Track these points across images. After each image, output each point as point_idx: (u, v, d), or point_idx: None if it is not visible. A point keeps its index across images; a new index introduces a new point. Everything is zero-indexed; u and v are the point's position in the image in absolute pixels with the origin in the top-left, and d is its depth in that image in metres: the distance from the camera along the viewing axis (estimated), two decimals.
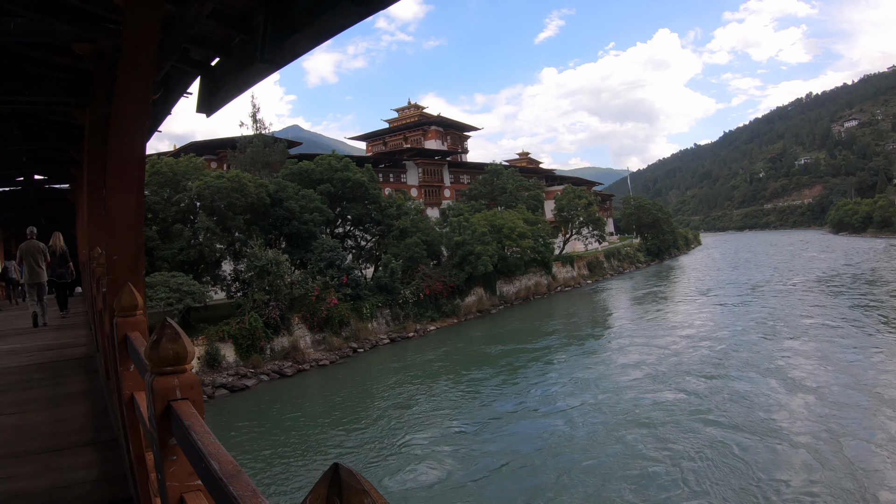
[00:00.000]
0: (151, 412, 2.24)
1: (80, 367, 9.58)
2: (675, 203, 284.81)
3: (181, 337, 2.21)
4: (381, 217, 45.86)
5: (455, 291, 47.56)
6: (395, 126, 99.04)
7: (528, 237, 54.00)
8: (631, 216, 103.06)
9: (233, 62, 8.57)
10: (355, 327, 39.29)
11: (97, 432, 6.29)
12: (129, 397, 3.69)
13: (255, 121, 53.75)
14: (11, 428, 6.72)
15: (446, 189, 76.81)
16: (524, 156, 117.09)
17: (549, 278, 61.40)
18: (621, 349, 33.94)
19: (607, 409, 23.16)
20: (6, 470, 5.48)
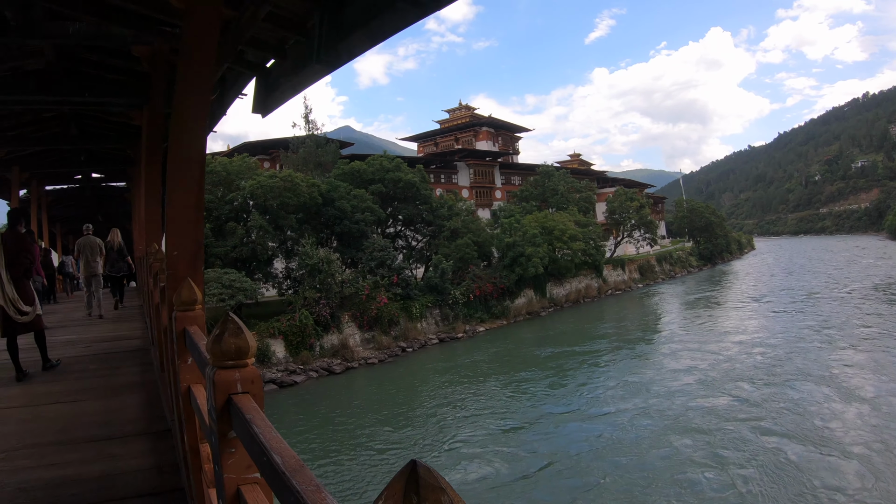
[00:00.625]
0: (211, 405, 2.28)
1: (134, 359, 9.87)
2: (729, 206, 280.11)
3: (244, 332, 2.25)
4: (432, 217, 45.79)
5: (505, 293, 47.33)
6: (447, 127, 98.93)
7: (579, 239, 53.54)
8: (683, 219, 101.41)
9: (288, 63, 8.65)
10: (405, 327, 39.39)
11: (150, 422, 6.49)
12: (186, 390, 3.77)
13: (308, 122, 54.17)
14: (67, 416, 6.95)
15: (497, 190, 76.55)
16: (576, 157, 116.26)
17: (599, 281, 60.73)
18: (672, 354, 33.49)
19: (657, 414, 22.90)
20: (61, 456, 5.66)
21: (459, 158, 75.08)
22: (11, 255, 8.87)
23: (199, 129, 4.13)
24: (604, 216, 73.88)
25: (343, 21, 6.62)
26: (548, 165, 76.77)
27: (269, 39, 8.70)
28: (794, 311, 44.42)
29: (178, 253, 4.01)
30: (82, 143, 18.89)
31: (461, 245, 44.82)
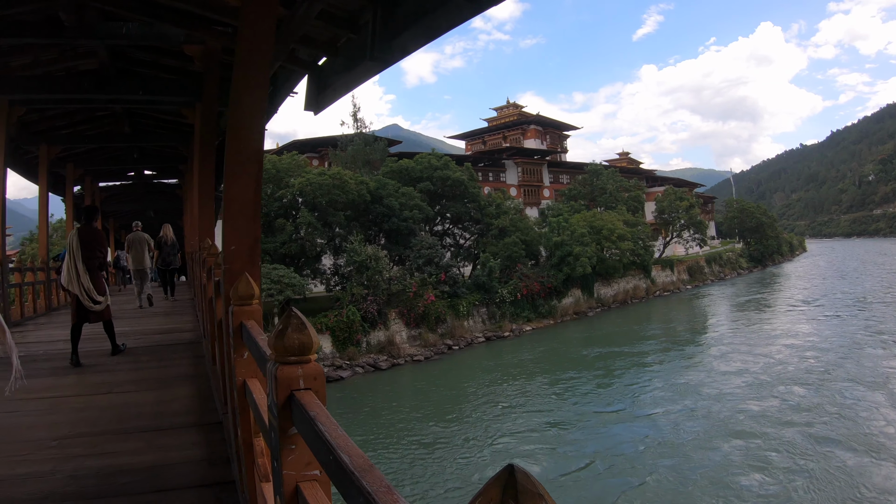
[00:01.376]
0: (272, 401, 2.27)
1: (186, 351, 9.97)
2: (780, 207, 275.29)
3: (307, 327, 2.23)
4: (480, 216, 45.70)
5: (552, 292, 47.02)
6: (494, 125, 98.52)
7: (628, 239, 53.06)
8: (733, 220, 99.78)
9: (340, 61, 8.66)
10: (451, 325, 39.42)
11: (202, 415, 6.53)
12: (242, 384, 3.78)
13: (356, 120, 54.47)
14: (120, 406, 7.03)
15: (545, 189, 76.15)
16: (624, 156, 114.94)
17: (647, 282, 59.98)
18: (722, 356, 32.98)
19: (706, 416, 22.61)
20: (113, 445, 5.72)
21: (507, 157, 74.87)
22: (87, 248, 9.32)
23: (256, 126, 4.13)
24: (653, 216, 72.64)
25: (396, 18, 6.61)
26: (596, 164, 76.26)
27: (320, 37, 8.72)
28: (846, 316, 43.38)
29: (235, 248, 4.02)
30: (135, 140, 19.45)
31: (509, 244, 44.66)
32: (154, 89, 12.12)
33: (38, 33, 10.49)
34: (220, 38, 10.28)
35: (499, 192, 54.46)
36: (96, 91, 11.71)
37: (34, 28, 10.41)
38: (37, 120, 17.37)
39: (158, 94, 12.21)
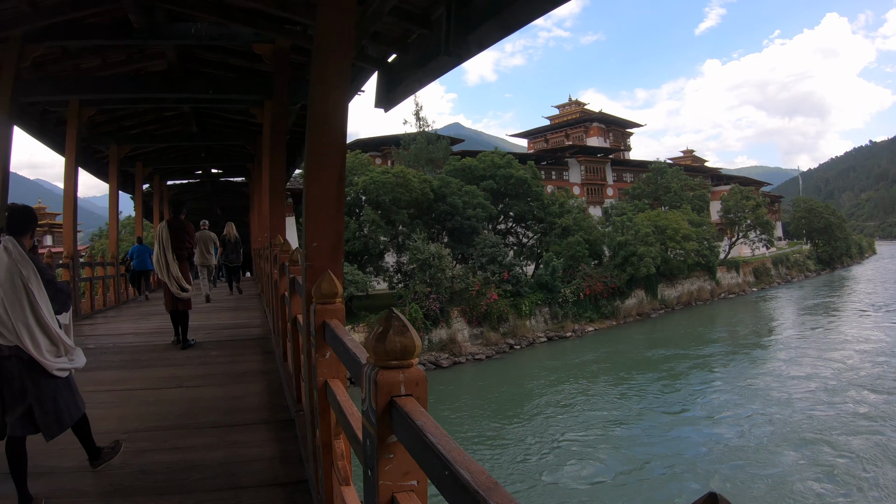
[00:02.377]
0: (370, 407, 2.16)
1: (255, 347, 10.00)
2: (849, 206, 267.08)
3: (409, 330, 2.12)
4: (543, 214, 45.35)
5: (615, 293, 46.32)
6: (557, 123, 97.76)
7: (693, 239, 51.94)
8: (801, 220, 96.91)
9: (411, 57, 8.57)
10: (513, 324, 39.19)
11: (272, 412, 6.52)
12: (323, 384, 3.69)
13: (419, 118, 54.60)
14: (190, 400, 7.07)
15: (609, 187, 75.31)
16: (688, 153, 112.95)
17: (712, 283, 58.60)
18: (791, 360, 32.17)
19: (774, 421, 22.12)
20: (185, 440, 5.74)
21: (570, 155, 74.28)
22: (177, 238, 9.78)
23: (338, 121, 4.04)
24: (718, 215, 71.05)
25: (472, 11, 6.49)
26: (660, 162, 74.85)
27: (391, 34, 8.65)
28: None
29: (318, 244, 3.92)
30: (202, 139, 19.93)
31: (572, 243, 44.22)
32: (223, 88, 12.19)
33: (108, 35, 10.66)
34: (290, 37, 10.34)
35: (562, 191, 54.13)
36: (167, 90, 11.81)
37: (103, 30, 10.61)
38: (106, 121, 17.82)
39: (228, 92, 12.25)
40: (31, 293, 4.59)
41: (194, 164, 25.54)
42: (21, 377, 4.57)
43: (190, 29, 10.48)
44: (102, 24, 10.64)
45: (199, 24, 10.52)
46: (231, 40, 10.88)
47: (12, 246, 4.62)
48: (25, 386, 4.58)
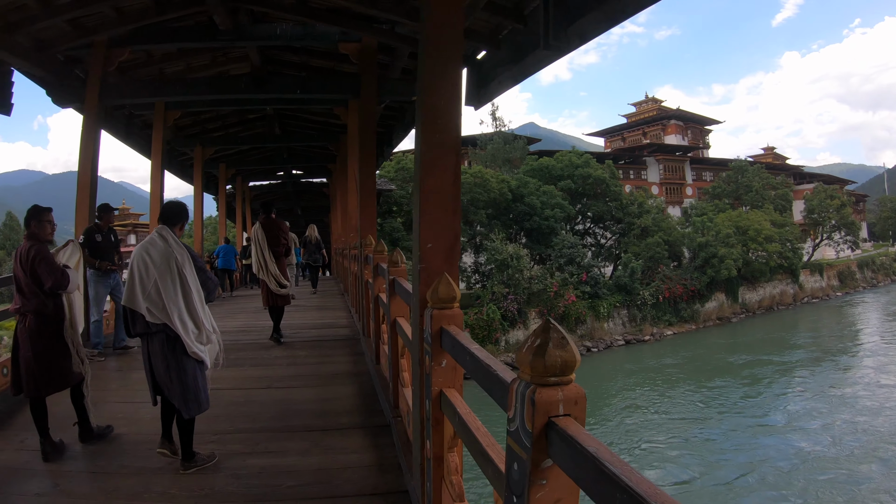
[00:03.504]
0: (521, 426, 1.96)
1: (344, 347, 9.88)
2: None
3: (569, 342, 1.92)
4: (621, 215, 44.82)
5: (695, 296, 45.24)
6: (634, 121, 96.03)
7: (775, 241, 50.48)
8: (887, 220, 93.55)
9: (504, 53, 8.36)
10: (591, 326, 38.77)
11: (367, 416, 6.34)
12: (438, 394, 3.48)
13: (495, 118, 54.53)
14: (281, 402, 6.94)
15: (688, 187, 73.53)
16: (769, 151, 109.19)
17: (795, 287, 56.52)
18: (880, 368, 30.99)
19: (866, 431, 21.37)
20: (277, 444, 5.61)
21: (648, 153, 73.06)
22: (272, 237, 10.03)
23: (453, 114, 3.83)
24: (801, 216, 68.38)
25: (572, 2, 6.25)
26: (741, 160, 72.64)
27: (481, 29, 8.44)
28: None
29: (432, 246, 3.72)
30: (285, 141, 20.17)
31: (651, 244, 43.54)
32: (309, 88, 12.18)
33: (192, 38, 10.75)
34: (377, 35, 10.24)
35: (640, 191, 53.27)
36: (252, 91, 11.86)
37: (188, 33, 10.70)
38: (191, 124, 18.15)
39: (314, 92, 12.25)
40: (185, 277, 5.13)
41: (276, 165, 25.81)
42: (165, 354, 5.04)
43: (275, 30, 10.49)
44: (187, 28, 10.75)
45: (283, 24, 10.53)
46: (317, 40, 10.84)
47: (167, 233, 5.24)
48: (169, 362, 5.04)
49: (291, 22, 10.52)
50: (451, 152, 3.78)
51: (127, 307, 5.13)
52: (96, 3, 9.17)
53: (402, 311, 5.88)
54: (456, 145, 3.81)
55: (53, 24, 9.43)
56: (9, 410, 6.77)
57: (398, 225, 37.28)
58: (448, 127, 3.80)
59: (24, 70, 10.21)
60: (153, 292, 5.00)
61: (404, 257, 6.03)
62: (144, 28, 10.34)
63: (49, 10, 8.89)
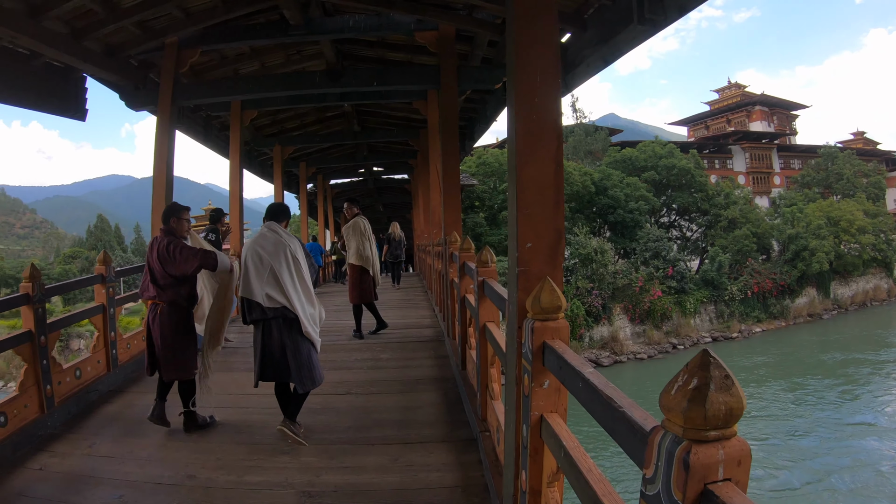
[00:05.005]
0: (664, 491, 1.49)
1: (427, 350, 9.36)
2: None
3: (734, 383, 1.49)
4: (707, 206, 43.73)
5: (784, 291, 43.51)
6: (717, 108, 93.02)
7: (868, 232, 48.22)
8: None
9: (591, 34, 7.88)
10: (677, 322, 37.81)
11: (451, 428, 5.86)
12: (538, 420, 2.98)
13: (575, 110, 53.95)
14: (360, 409, 6.54)
15: (776, 175, 70.65)
16: (859, 135, 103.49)
17: (889, 282, 53.58)
18: None
19: None
20: (355, 458, 5.22)
21: (734, 141, 70.63)
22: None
23: (551, 96, 3.33)
24: (895, 204, 65.94)
25: None
26: (830, 146, 69.65)
27: (565, 8, 7.94)
28: None
29: (532, 245, 3.19)
30: (364, 138, 20.17)
31: (739, 236, 42.24)
32: (386, 80, 11.85)
33: (263, 34, 10.69)
34: (455, 21, 9.91)
35: (726, 181, 51.62)
36: (327, 85, 11.63)
37: (258, 30, 10.64)
38: (269, 123, 18.42)
39: (392, 84, 11.92)
40: (299, 264, 5.74)
41: (356, 162, 25.93)
42: (281, 335, 5.59)
43: (348, 22, 10.25)
44: (257, 25, 10.69)
45: (356, 16, 10.29)
46: (391, 30, 10.55)
47: (277, 227, 5.88)
48: (284, 342, 5.58)
49: (364, 13, 10.29)
50: (550, 136, 3.25)
51: (244, 297, 5.65)
52: (162, 3, 9.12)
53: (492, 315, 5.38)
54: (556, 128, 3.28)
55: (121, 27, 9.45)
56: (81, 412, 6.83)
57: (480, 220, 37.01)
58: (546, 106, 3.28)
59: (97, 76, 10.39)
60: (271, 279, 5.56)
61: (494, 256, 5.53)
62: (214, 27, 10.37)
63: (115, 14, 8.90)
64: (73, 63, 9.44)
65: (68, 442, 5.96)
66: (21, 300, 6.53)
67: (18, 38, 7.98)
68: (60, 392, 6.79)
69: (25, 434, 5.91)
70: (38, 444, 5.89)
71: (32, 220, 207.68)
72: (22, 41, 8.16)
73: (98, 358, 7.85)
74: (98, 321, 8.06)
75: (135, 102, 11.15)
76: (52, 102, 10.21)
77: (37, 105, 10.10)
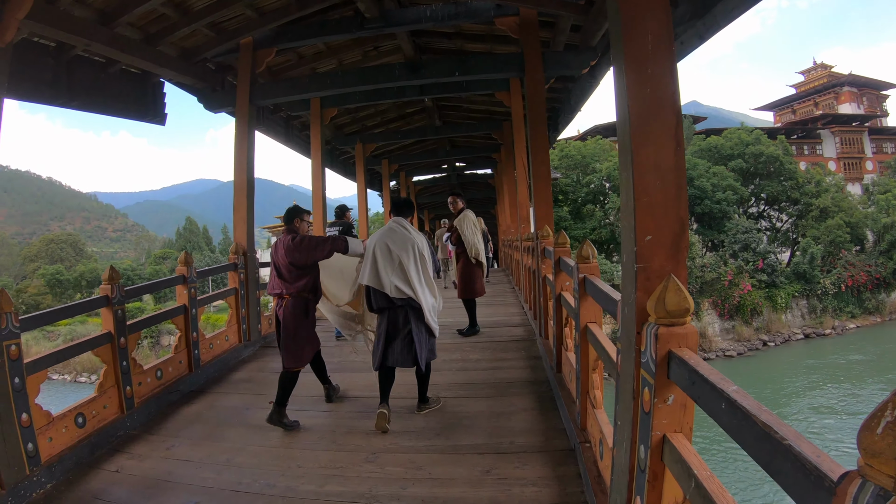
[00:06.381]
0: None
1: (518, 350, 8.91)
2: None
3: None
4: (797, 195, 42.23)
5: (880, 284, 41.48)
6: (803, 91, 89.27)
7: None
8: None
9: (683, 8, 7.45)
10: (767, 318, 36.58)
11: (547, 437, 5.40)
12: (660, 440, 2.56)
13: None
14: (448, 415, 6.17)
15: (868, 161, 67.48)
16: None
17: None
18: None
19: None
20: (444, 468, 4.86)
21: (822, 125, 68.07)
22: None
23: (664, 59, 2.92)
24: None
25: None
26: None
27: None
28: None
29: (652, 238, 2.77)
30: (446, 133, 20.13)
31: (831, 226, 40.66)
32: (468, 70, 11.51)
33: (338, 30, 10.53)
34: (535, 3, 9.48)
35: (816, 167, 49.77)
36: (407, 77, 11.40)
37: (333, 26, 10.52)
38: (349, 122, 18.61)
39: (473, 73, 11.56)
40: (425, 259, 6.09)
41: (439, 158, 26.11)
42: (407, 323, 6.01)
43: (425, 12, 10.05)
44: (332, 21, 10.57)
45: (432, 5, 10.10)
46: (470, 18, 10.24)
47: (404, 222, 6.25)
48: (410, 330, 5.99)
49: (441, 1, 10.13)
50: (668, 111, 2.83)
51: (370, 286, 6.09)
52: (234, 4, 9.16)
53: (594, 315, 4.91)
54: (674, 102, 2.85)
55: (195, 31, 9.56)
56: (161, 413, 6.88)
57: (565, 214, 36.74)
58: (661, 77, 2.85)
59: (174, 80, 10.52)
60: (399, 272, 5.93)
61: (595, 250, 5.10)
62: (288, 25, 10.43)
63: (187, 17, 9.00)
64: (148, 68, 9.55)
65: (147, 443, 5.94)
66: (101, 302, 6.57)
67: (92, 46, 7.99)
68: (141, 393, 6.88)
69: (104, 435, 5.93)
70: (116, 445, 5.92)
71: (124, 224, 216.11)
72: (95, 48, 8.16)
73: (180, 358, 7.94)
74: (180, 322, 8.12)
75: (213, 104, 11.28)
76: (132, 108, 10.35)
77: (116, 111, 10.24)
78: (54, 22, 7.08)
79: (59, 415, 5.59)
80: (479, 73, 11.34)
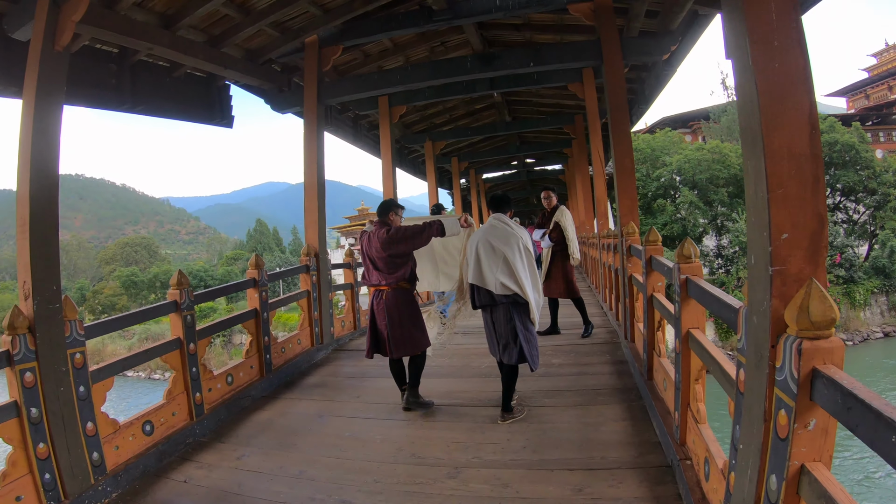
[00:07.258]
0: None
1: (602, 354, 8.45)
2: None
3: None
4: (875, 185, 40.20)
5: None
6: (876, 74, 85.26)
7: None
8: None
9: None
10: (845, 315, 34.93)
11: (639, 450, 4.99)
12: (798, 470, 2.21)
13: (726, 87, 51.81)
14: (535, 426, 5.75)
15: None
16: None
17: None
18: None
19: None
20: (532, 486, 4.48)
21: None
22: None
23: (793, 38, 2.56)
24: None
25: None
26: None
27: None
28: None
29: (788, 236, 2.42)
30: (516, 129, 20.01)
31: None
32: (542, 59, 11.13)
33: (405, 24, 10.35)
34: None
35: (894, 155, 47.88)
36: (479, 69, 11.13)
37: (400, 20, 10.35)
38: (418, 120, 18.69)
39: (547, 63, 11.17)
40: (530, 254, 5.98)
41: (509, 154, 26.14)
42: (511, 319, 5.90)
43: (494, 1, 9.76)
44: (398, 15, 10.40)
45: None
46: (542, 6, 9.87)
47: (505, 219, 6.17)
48: (515, 325, 5.88)
49: None
50: (801, 89, 2.45)
51: (473, 284, 6.06)
52: (297, 2, 9.08)
53: (697, 320, 4.49)
54: (806, 79, 2.48)
55: (259, 31, 9.55)
56: (232, 419, 6.77)
57: None
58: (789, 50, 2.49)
59: (240, 82, 10.59)
60: (505, 268, 5.84)
61: (697, 249, 4.68)
62: (353, 22, 10.28)
63: (250, 17, 8.93)
64: (213, 70, 9.51)
65: (216, 452, 5.83)
66: (169, 308, 6.45)
67: (154, 50, 7.97)
68: (211, 399, 6.81)
69: (172, 443, 5.88)
70: (184, 453, 5.84)
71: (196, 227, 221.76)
72: (158, 52, 8.15)
73: (251, 363, 7.88)
74: (251, 326, 8.06)
75: (280, 105, 11.32)
76: (198, 111, 10.44)
77: (182, 115, 10.33)
78: (115, 27, 7.05)
79: (126, 423, 5.53)
80: (553, 62, 10.97)
